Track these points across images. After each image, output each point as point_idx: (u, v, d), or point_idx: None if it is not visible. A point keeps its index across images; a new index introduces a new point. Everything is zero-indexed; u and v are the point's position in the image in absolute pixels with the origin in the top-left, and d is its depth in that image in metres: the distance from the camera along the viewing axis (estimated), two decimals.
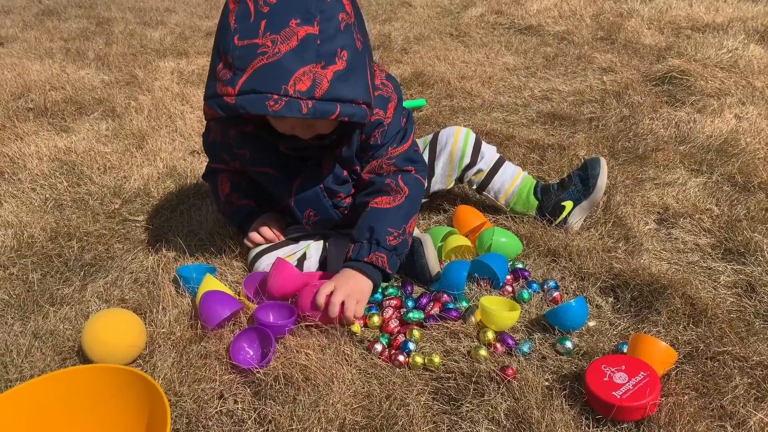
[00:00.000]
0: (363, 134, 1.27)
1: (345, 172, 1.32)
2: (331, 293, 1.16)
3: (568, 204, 1.48)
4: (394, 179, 1.30)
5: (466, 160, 1.51)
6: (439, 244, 1.41)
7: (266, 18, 1.01)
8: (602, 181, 1.46)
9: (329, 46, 1.03)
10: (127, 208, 1.70)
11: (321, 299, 1.15)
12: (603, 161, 1.48)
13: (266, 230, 1.39)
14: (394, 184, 1.29)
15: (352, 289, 1.17)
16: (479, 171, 1.53)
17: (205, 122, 1.46)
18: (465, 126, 1.60)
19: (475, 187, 1.57)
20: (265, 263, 1.36)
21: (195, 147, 2.05)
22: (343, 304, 1.15)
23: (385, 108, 1.29)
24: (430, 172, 1.51)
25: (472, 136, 1.52)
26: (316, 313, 1.17)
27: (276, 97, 1.01)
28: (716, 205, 1.59)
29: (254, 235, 1.39)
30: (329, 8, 1.04)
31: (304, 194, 1.32)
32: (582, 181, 1.48)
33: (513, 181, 1.54)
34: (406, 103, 2.38)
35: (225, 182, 1.45)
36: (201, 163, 1.91)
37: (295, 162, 1.30)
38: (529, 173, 1.60)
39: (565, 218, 1.49)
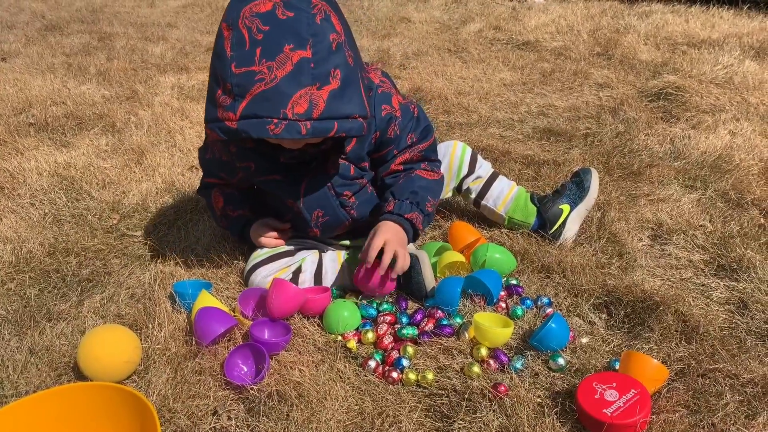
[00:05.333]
0: (378, 131, 1.33)
1: (352, 170, 1.35)
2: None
3: (566, 207, 1.52)
4: (429, 165, 1.43)
5: (464, 170, 1.57)
6: (434, 260, 1.42)
7: (261, 45, 1.05)
8: (594, 184, 1.55)
9: (323, 67, 1.07)
10: (125, 224, 1.72)
11: (373, 253, 1.24)
12: (593, 170, 1.57)
13: (272, 234, 1.45)
14: (429, 167, 1.42)
15: (400, 240, 1.29)
16: (478, 178, 1.58)
17: (203, 138, 1.49)
18: (461, 141, 1.62)
19: (473, 195, 1.59)
20: (261, 276, 1.38)
21: (194, 162, 2.07)
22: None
23: (390, 102, 1.34)
24: None
25: (469, 150, 1.59)
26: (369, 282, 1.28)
27: (276, 120, 1.05)
28: (710, 222, 1.60)
29: (267, 240, 1.44)
30: (320, 30, 1.07)
31: (312, 195, 1.35)
32: (576, 185, 1.55)
33: (510, 190, 1.58)
34: None
35: (218, 197, 1.49)
36: (199, 179, 1.92)
37: (299, 167, 1.34)
38: (528, 190, 1.62)
39: (564, 222, 1.51)
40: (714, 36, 3.22)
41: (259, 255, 1.42)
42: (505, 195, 1.57)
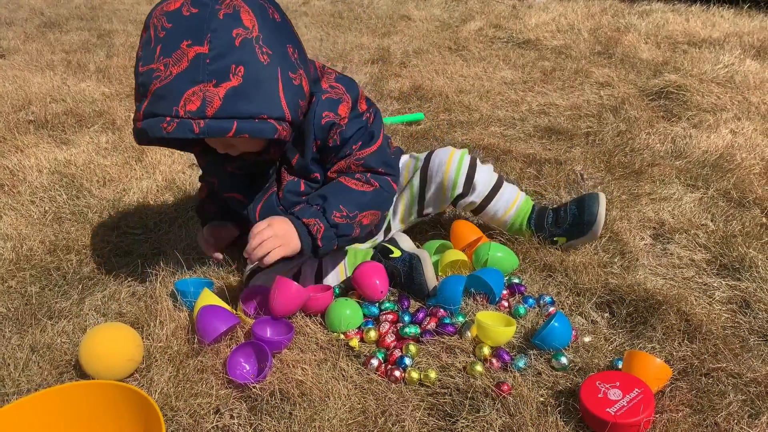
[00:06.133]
0: (318, 140, 1.25)
1: (302, 186, 1.30)
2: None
3: (562, 240, 1.46)
4: (364, 176, 1.28)
5: (458, 190, 1.43)
6: (435, 259, 1.41)
7: (161, 43, 1.04)
8: (598, 224, 1.40)
9: (220, 63, 1.03)
10: (126, 221, 1.71)
11: (254, 230, 1.15)
12: (602, 199, 1.40)
13: (211, 240, 1.45)
14: (363, 178, 1.28)
15: (284, 234, 1.16)
16: (471, 203, 1.46)
17: None
18: (462, 140, 1.59)
19: (469, 212, 1.54)
20: (261, 281, 1.37)
21: (194, 160, 2.06)
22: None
23: (335, 109, 1.24)
24: (420, 199, 1.47)
25: (466, 162, 1.42)
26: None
27: (168, 119, 1.03)
28: (711, 221, 1.60)
29: (201, 243, 1.46)
30: (221, 26, 1.03)
31: (265, 214, 1.28)
32: (575, 217, 1.43)
33: (507, 210, 1.48)
34: (404, 117, 2.40)
35: (204, 188, 1.53)
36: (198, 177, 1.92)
37: (256, 185, 1.30)
38: (525, 188, 1.60)
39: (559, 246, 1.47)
40: (715, 35, 3.22)
41: None
42: (500, 216, 1.48)
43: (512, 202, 1.48)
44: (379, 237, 1.52)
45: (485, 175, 1.45)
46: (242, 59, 1.04)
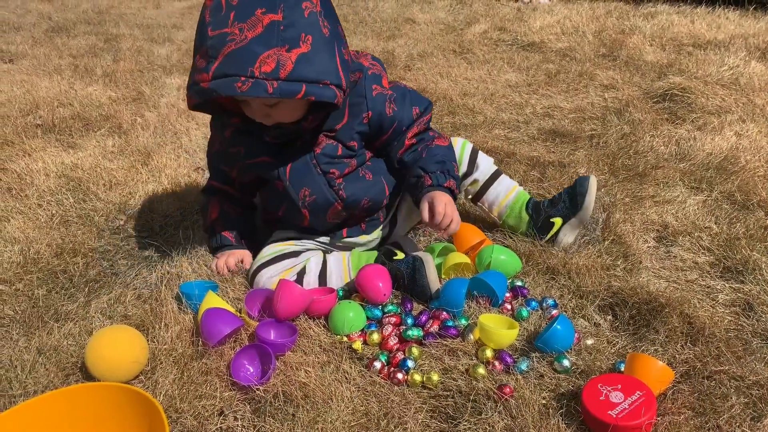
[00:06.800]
0: (370, 110, 1.36)
1: (340, 150, 1.37)
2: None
3: (557, 221, 1.50)
4: (435, 132, 1.49)
5: (463, 169, 1.56)
6: (438, 261, 1.42)
7: (235, 9, 1.12)
8: (590, 198, 1.47)
9: (293, 31, 1.12)
10: (131, 225, 1.73)
11: (439, 217, 1.33)
12: (593, 179, 1.49)
13: (221, 262, 1.48)
14: (436, 134, 1.48)
15: (450, 201, 1.37)
16: (475, 181, 1.57)
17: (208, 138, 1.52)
18: (461, 138, 1.61)
19: (470, 197, 1.60)
20: (266, 276, 1.39)
21: (200, 164, 2.08)
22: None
23: (380, 83, 1.38)
24: None
25: (469, 146, 1.57)
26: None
27: (243, 78, 1.10)
28: (715, 223, 1.59)
29: (220, 264, 1.48)
30: None
31: (298, 172, 1.37)
32: (570, 198, 1.50)
33: (507, 194, 1.57)
34: None
35: (215, 209, 1.53)
36: (205, 180, 1.93)
37: (286, 148, 1.37)
38: (528, 190, 1.62)
39: (556, 234, 1.50)
40: (720, 37, 3.21)
41: (264, 256, 1.43)
42: (501, 200, 1.56)
43: (511, 189, 1.58)
44: (386, 226, 1.56)
45: (486, 160, 1.59)
46: (310, 29, 1.14)
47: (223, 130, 1.42)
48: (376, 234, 1.54)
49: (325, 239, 1.50)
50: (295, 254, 1.44)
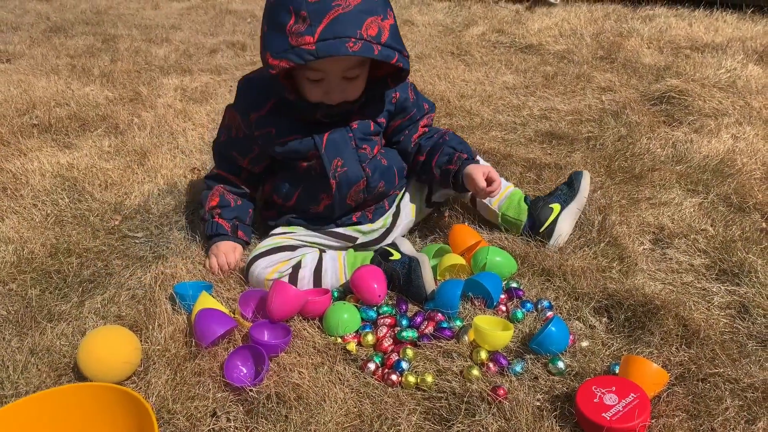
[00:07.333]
0: (397, 92, 1.48)
1: (372, 126, 1.47)
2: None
3: (556, 206, 1.54)
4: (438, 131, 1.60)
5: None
6: (434, 263, 1.42)
7: None
8: (585, 184, 1.59)
9: (385, 3, 1.25)
10: (126, 225, 1.72)
11: (482, 182, 1.42)
12: (586, 172, 1.63)
13: (214, 261, 1.48)
14: (444, 131, 1.59)
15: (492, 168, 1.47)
16: None
17: (208, 139, 1.52)
18: None
19: (470, 192, 1.59)
20: (260, 267, 1.39)
21: (196, 164, 2.07)
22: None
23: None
24: (429, 176, 1.56)
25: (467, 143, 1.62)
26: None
27: (354, 40, 1.18)
28: (711, 226, 1.59)
29: (212, 261, 1.48)
30: None
31: (335, 142, 1.41)
32: (567, 185, 1.61)
33: (505, 188, 1.62)
34: None
35: (216, 196, 1.55)
36: (201, 181, 1.92)
37: (319, 127, 1.41)
38: (524, 192, 1.62)
39: (555, 221, 1.51)
40: (717, 40, 3.21)
41: (260, 247, 1.43)
42: (500, 192, 1.59)
43: (507, 185, 1.65)
44: (390, 217, 1.58)
45: (482, 161, 1.64)
46: (390, 6, 1.27)
47: (256, 111, 1.42)
48: (380, 224, 1.55)
49: (330, 228, 1.51)
50: (291, 248, 1.44)
